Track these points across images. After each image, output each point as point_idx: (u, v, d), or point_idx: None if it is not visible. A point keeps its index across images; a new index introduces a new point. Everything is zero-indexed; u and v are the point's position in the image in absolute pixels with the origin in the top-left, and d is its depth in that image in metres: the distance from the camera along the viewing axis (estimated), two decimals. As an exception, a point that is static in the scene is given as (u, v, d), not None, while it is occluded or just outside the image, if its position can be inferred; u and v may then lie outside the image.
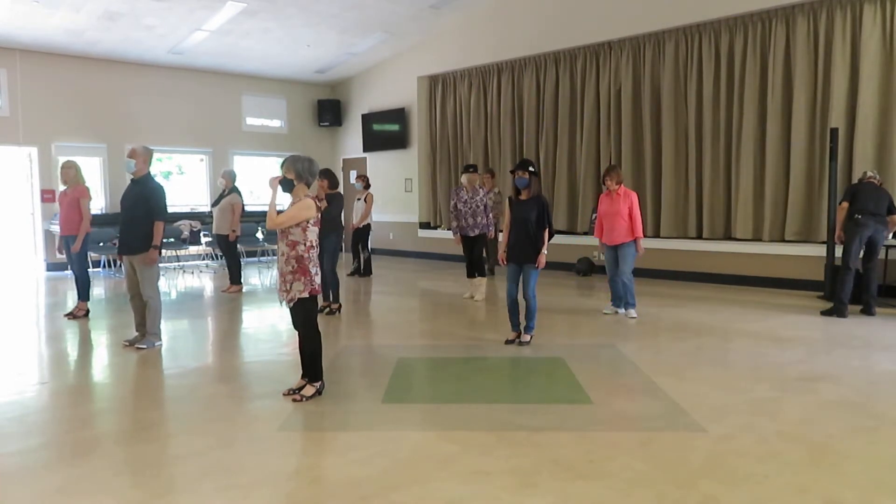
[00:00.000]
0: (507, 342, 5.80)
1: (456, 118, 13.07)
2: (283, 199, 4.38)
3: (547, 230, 5.66)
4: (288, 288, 4.20)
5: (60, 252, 7.35)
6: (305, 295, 4.22)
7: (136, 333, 5.94)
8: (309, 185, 4.28)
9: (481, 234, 8.26)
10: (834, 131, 7.82)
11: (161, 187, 5.87)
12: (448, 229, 11.72)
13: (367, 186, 10.49)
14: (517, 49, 11.63)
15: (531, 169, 5.72)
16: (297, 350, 4.38)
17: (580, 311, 7.61)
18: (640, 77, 10.27)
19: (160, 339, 5.89)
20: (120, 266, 8.93)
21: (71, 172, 7.13)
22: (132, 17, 10.20)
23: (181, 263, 12.46)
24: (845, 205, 7.06)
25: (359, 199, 10.47)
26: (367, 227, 10.57)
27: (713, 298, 8.13)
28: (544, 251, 5.63)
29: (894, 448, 3.46)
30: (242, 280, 9.42)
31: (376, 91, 14.28)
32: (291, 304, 4.21)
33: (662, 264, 9.76)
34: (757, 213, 9.23)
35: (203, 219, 12.13)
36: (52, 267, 11.40)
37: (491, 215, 8.40)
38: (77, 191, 7.11)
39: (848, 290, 6.87)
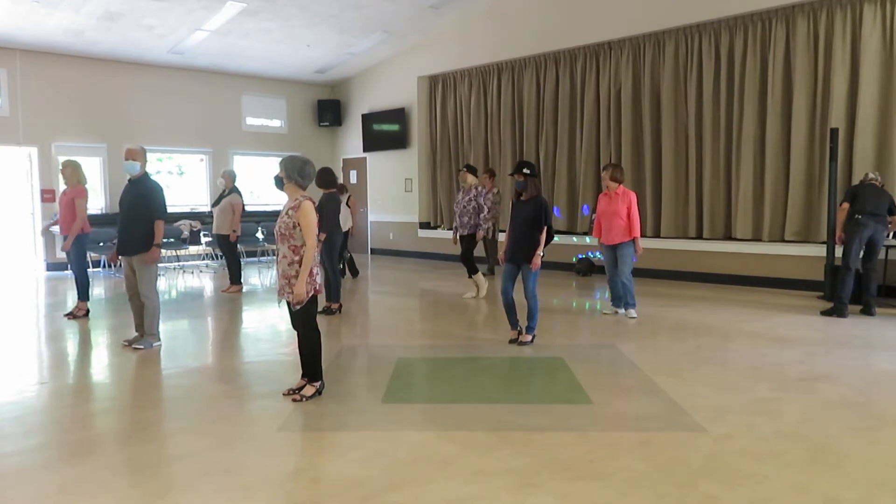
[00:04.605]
0: (510, 342, 5.80)
1: (456, 118, 13.07)
2: (282, 198, 4.41)
3: (544, 231, 5.65)
4: (293, 290, 4.19)
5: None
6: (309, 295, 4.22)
7: (136, 334, 5.93)
8: (302, 186, 4.28)
9: (468, 235, 8.27)
10: (834, 131, 7.82)
11: (159, 186, 5.87)
12: (450, 229, 11.74)
13: (345, 191, 10.52)
14: (517, 49, 11.63)
15: (526, 171, 5.72)
16: (297, 350, 4.38)
17: (580, 311, 7.61)
18: (640, 77, 10.27)
19: (159, 340, 5.88)
20: (120, 266, 8.95)
21: (68, 171, 7.14)
22: (132, 18, 10.20)
23: (181, 263, 12.46)
24: (846, 205, 7.06)
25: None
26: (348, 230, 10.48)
27: (713, 298, 8.13)
28: (539, 252, 5.62)
29: (894, 448, 3.46)
30: (242, 280, 9.42)
31: (376, 91, 14.28)
32: (299, 307, 4.20)
33: (662, 264, 9.76)
34: (757, 213, 9.23)
35: (203, 219, 12.13)
36: (52, 267, 11.40)
37: (486, 215, 8.40)
38: (74, 190, 7.11)
39: (848, 290, 6.87)
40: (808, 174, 8.75)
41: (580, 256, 10.75)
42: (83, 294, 7.26)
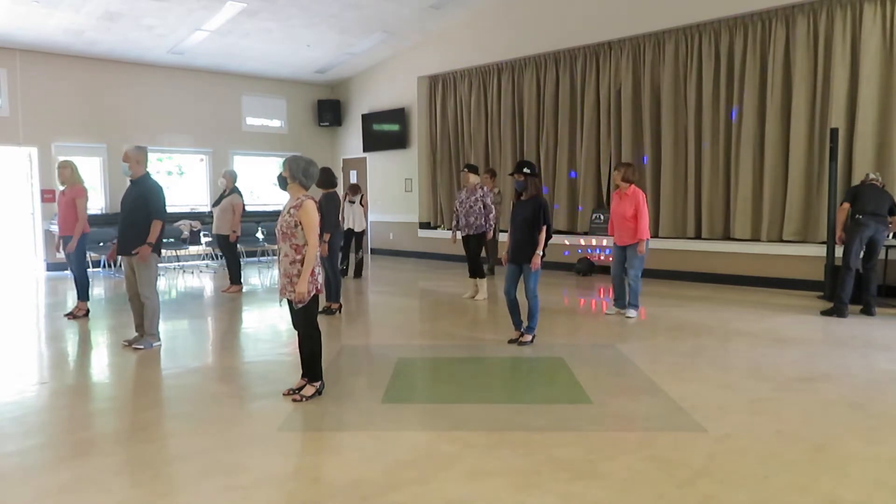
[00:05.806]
0: (510, 341, 5.81)
1: (456, 118, 13.07)
2: (282, 198, 4.41)
3: (543, 231, 5.64)
4: (294, 289, 4.19)
5: (59, 251, 7.33)
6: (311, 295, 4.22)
7: (136, 334, 5.93)
8: (305, 186, 4.29)
9: (474, 235, 8.22)
10: (834, 131, 7.82)
11: (159, 186, 5.86)
12: (449, 229, 11.72)
13: (359, 191, 10.55)
14: (517, 49, 11.63)
15: (525, 171, 5.72)
16: (297, 350, 4.39)
17: (580, 311, 7.61)
18: (640, 77, 10.27)
19: (158, 340, 5.89)
20: (120, 266, 8.94)
21: (66, 172, 7.12)
22: (132, 18, 10.20)
23: (181, 263, 12.46)
24: (846, 206, 7.07)
25: (352, 202, 10.32)
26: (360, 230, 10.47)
27: (713, 298, 8.13)
28: (539, 252, 5.62)
29: (894, 448, 3.46)
30: (242, 280, 9.42)
31: (376, 91, 14.28)
32: (300, 305, 4.21)
33: (662, 264, 9.75)
34: (756, 213, 9.23)
35: (203, 219, 12.13)
36: (52, 267, 11.40)
37: (490, 215, 8.38)
38: (73, 190, 7.10)
39: (848, 290, 6.88)
40: (808, 174, 8.75)
41: (579, 252, 10.77)
42: (83, 294, 7.26)
